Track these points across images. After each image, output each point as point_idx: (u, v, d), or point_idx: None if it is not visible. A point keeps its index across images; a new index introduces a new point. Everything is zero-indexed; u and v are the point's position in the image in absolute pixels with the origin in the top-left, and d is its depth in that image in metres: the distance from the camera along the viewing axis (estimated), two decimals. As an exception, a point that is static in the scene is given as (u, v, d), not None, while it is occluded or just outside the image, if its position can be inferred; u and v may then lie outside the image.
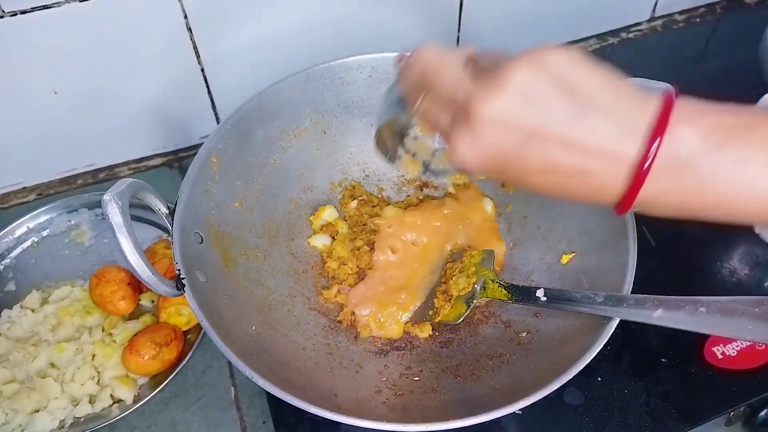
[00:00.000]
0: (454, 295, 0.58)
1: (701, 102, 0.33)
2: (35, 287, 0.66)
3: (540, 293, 0.52)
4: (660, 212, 0.34)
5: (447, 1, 0.80)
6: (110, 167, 0.80)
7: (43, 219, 0.72)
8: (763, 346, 0.59)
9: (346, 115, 0.67)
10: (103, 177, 0.79)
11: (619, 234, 0.53)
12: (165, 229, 0.71)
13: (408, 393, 0.53)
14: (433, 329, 0.59)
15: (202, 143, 0.57)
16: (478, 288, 0.57)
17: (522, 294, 0.54)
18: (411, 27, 0.81)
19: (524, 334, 0.56)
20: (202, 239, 0.54)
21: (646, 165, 0.31)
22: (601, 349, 0.46)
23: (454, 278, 0.59)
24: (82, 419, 0.58)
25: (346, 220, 0.68)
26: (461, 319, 0.57)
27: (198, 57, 0.72)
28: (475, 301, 0.57)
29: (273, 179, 0.64)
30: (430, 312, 0.59)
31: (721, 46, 0.94)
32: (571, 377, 0.45)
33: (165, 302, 0.63)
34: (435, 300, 0.59)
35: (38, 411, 0.57)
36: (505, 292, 0.55)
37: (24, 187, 0.78)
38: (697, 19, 0.99)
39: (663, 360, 0.59)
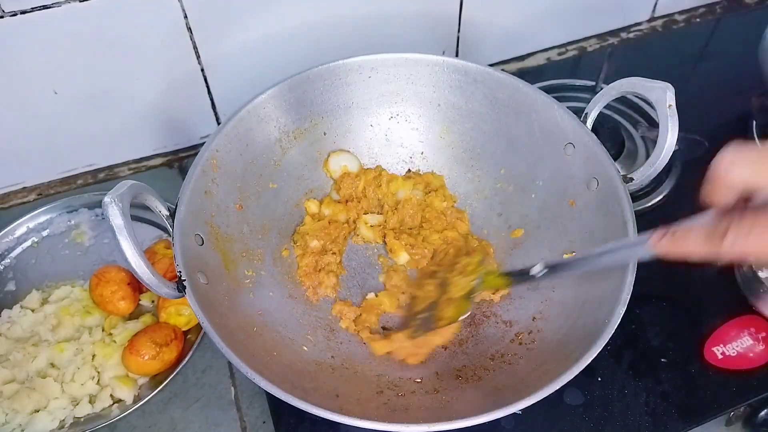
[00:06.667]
0: (455, 297, 0.58)
1: None
2: (35, 287, 0.66)
3: (536, 269, 0.51)
4: None
5: (447, 2, 0.80)
6: (110, 167, 0.80)
7: (43, 219, 0.72)
8: (763, 346, 0.59)
9: (346, 116, 0.67)
10: (103, 177, 0.79)
11: (619, 234, 0.53)
12: (165, 229, 0.71)
13: (409, 394, 0.53)
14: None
15: (203, 143, 0.57)
16: (478, 282, 0.57)
17: (519, 275, 0.54)
18: (411, 27, 0.81)
19: (525, 334, 0.56)
20: (203, 241, 0.54)
21: None
22: (601, 349, 0.46)
23: (453, 281, 0.59)
24: (82, 419, 0.58)
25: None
26: (465, 315, 0.56)
27: (198, 57, 0.72)
28: (474, 294, 0.56)
29: (273, 180, 0.64)
30: (436, 321, 0.58)
31: (721, 46, 0.94)
32: (571, 377, 0.45)
33: (165, 302, 0.63)
34: (437, 311, 0.58)
35: (38, 411, 0.57)
36: (503, 280, 0.55)
37: (24, 187, 0.78)
38: (697, 19, 0.99)
39: (663, 360, 0.59)
